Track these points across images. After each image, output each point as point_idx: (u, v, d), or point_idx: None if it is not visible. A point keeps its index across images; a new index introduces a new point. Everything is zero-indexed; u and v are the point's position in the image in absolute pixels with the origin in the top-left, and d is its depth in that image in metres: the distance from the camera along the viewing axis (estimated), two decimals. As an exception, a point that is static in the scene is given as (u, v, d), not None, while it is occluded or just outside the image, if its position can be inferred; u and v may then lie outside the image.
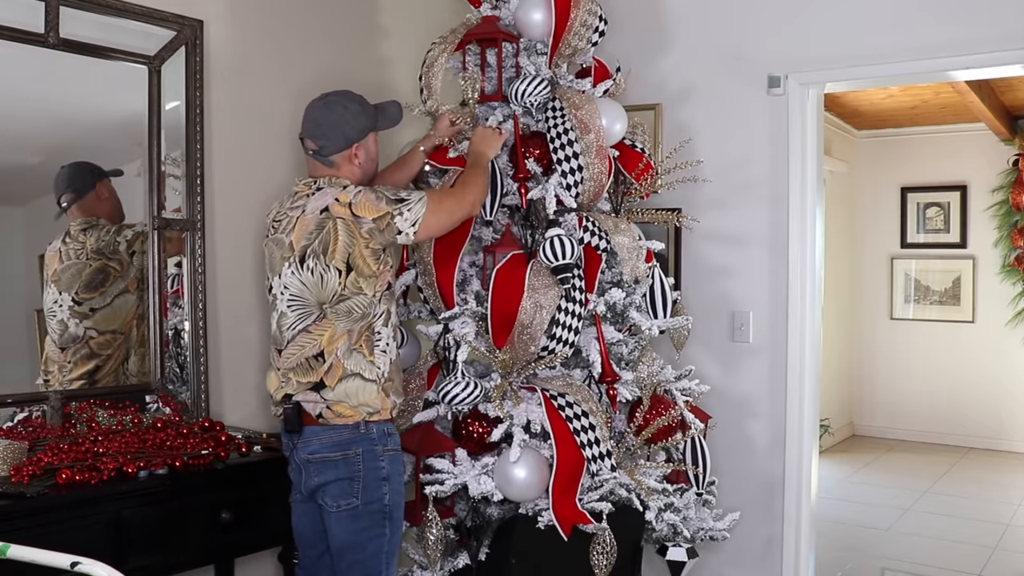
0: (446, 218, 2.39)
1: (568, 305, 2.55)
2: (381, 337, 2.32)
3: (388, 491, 2.28)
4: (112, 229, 2.55)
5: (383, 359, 2.32)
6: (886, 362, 7.41)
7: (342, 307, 2.25)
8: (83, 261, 2.47)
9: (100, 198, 2.52)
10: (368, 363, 2.28)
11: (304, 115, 2.38)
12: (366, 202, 2.25)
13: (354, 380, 2.26)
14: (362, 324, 2.28)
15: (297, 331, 2.27)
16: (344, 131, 2.34)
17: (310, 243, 2.25)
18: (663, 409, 2.72)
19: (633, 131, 2.92)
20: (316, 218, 2.26)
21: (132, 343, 2.59)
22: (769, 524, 3.28)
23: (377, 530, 2.26)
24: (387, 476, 2.28)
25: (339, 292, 2.24)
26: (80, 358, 2.48)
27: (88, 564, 1.51)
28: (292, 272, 2.27)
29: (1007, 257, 6.88)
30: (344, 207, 2.24)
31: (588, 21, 2.75)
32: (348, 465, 2.24)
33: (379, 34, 3.35)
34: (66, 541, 1.88)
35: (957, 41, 2.92)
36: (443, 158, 2.76)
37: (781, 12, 3.24)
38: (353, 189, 2.29)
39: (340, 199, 2.26)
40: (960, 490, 5.80)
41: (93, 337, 2.49)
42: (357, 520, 2.25)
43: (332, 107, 2.35)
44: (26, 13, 2.34)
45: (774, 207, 3.26)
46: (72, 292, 2.46)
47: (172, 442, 2.35)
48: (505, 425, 2.53)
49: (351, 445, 2.24)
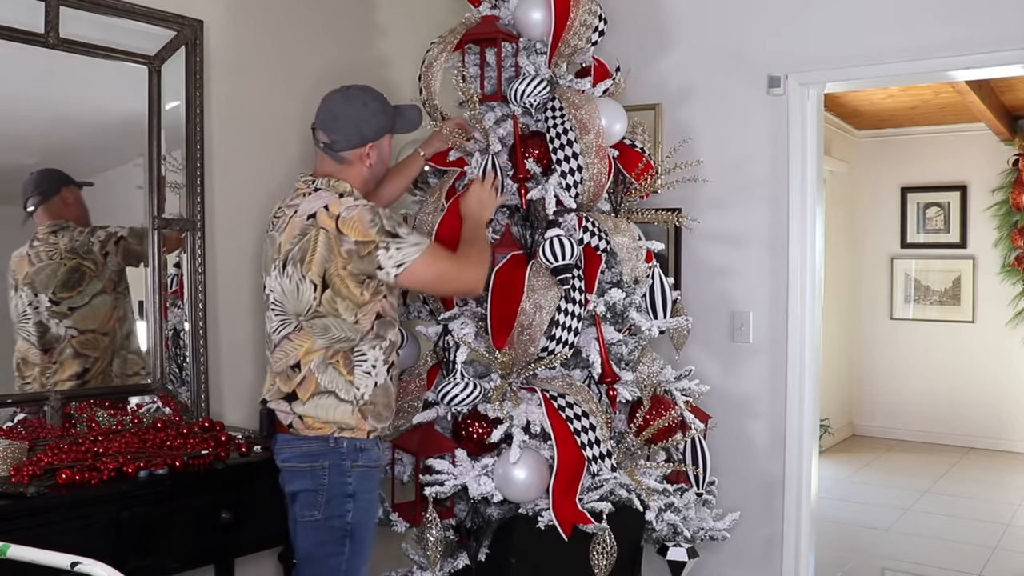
0: (434, 280, 2.23)
1: (568, 306, 2.55)
2: (366, 358, 2.20)
3: (352, 508, 2.18)
4: (85, 230, 2.52)
5: (365, 382, 2.20)
6: (886, 362, 7.41)
7: (318, 323, 2.15)
8: (57, 261, 2.44)
9: (66, 203, 2.47)
10: (345, 382, 2.17)
11: (320, 105, 2.29)
12: (357, 221, 2.11)
13: (327, 398, 2.17)
14: (343, 347, 2.17)
15: (281, 336, 2.21)
16: (360, 128, 2.24)
17: (292, 248, 2.16)
18: (663, 409, 2.72)
19: (633, 131, 2.91)
20: (302, 223, 2.15)
21: (117, 345, 2.57)
22: (769, 524, 3.28)
23: (335, 547, 2.18)
24: (353, 493, 2.18)
25: (314, 307, 2.14)
26: (66, 359, 2.46)
27: (88, 564, 1.51)
28: (276, 275, 2.21)
29: (1007, 257, 6.89)
30: (331, 219, 2.12)
31: (588, 21, 2.75)
32: (314, 477, 2.17)
33: (379, 33, 3.35)
34: (66, 541, 1.87)
35: (957, 41, 2.92)
36: (443, 160, 2.76)
37: (781, 12, 3.24)
38: (349, 201, 2.16)
39: (330, 208, 2.13)
40: (960, 490, 5.80)
41: (75, 336, 2.46)
42: (317, 533, 2.18)
43: (351, 101, 2.25)
44: (26, 13, 2.34)
45: (774, 207, 3.26)
46: (49, 292, 2.43)
47: (172, 442, 2.34)
48: (505, 426, 2.53)
49: (318, 457, 2.17)
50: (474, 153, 2.72)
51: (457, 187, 2.73)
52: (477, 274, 2.31)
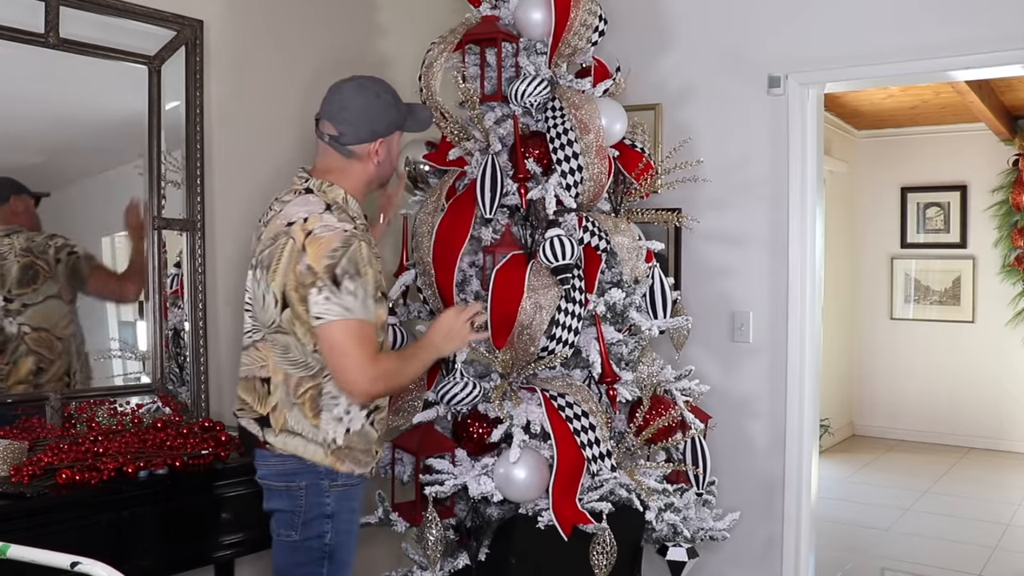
0: (332, 352, 1.92)
1: (568, 305, 2.55)
2: (337, 403, 2.01)
3: (331, 529, 2.05)
4: (42, 234, 2.46)
5: (335, 427, 2.02)
6: (886, 362, 7.41)
7: (279, 340, 2.00)
8: (11, 259, 2.40)
9: (15, 212, 2.42)
10: (311, 426, 2.01)
11: (328, 94, 2.12)
12: (322, 245, 1.90)
13: (296, 439, 2.02)
14: (304, 375, 2.00)
15: (250, 341, 2.10)
16: (371, 121, 2.07)
17: (264, 251, 2.01)
18: (663, 409, 2.72)
19: (633, 131, 2.91)
20: (278, 227, 1.99)
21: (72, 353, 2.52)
22: (769, 524, 3.28)
23: (313, 568, 2.07)
24: (331, 513, 2.05)
25: (277, 321, 1.98)
26: (19, 356, 2.41)
27: (88, 564, 1.51)
28: (250, 275, 2.08)
29: (1007, 257, 6.88)
30: (303, 232, 1.93)
31: (588, 21, 2.75)
32: (291, 498, 2.04)
33: (379, 33, 3.35)
34: (66, 541, 1.88)
35: (957, 41, 2.92)
36: (443, 159, 2.76)
37: (781, 12, 3.24)
38: (330, 219, 1.95)
39: (308, 221, 1.95)
40: (960, 490, 5.80)
41: (28, 333, 2.41)
42: (295, 553, 2.07)
43: (364, 91, 2.09)
44: (26, 13, 2.34)
45: (774, 207, 3.26)
46: (3, 291, 2.39)
47: (172, 442, 2.35)
48: (505, 425, 2.53)
49: (295, 477, 2.03)
50: (474, 153, 2.72)
51: (457, 187, 2.74)
52: (372, 386, 1.96)
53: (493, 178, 2.61)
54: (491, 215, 2.62)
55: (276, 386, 2.03)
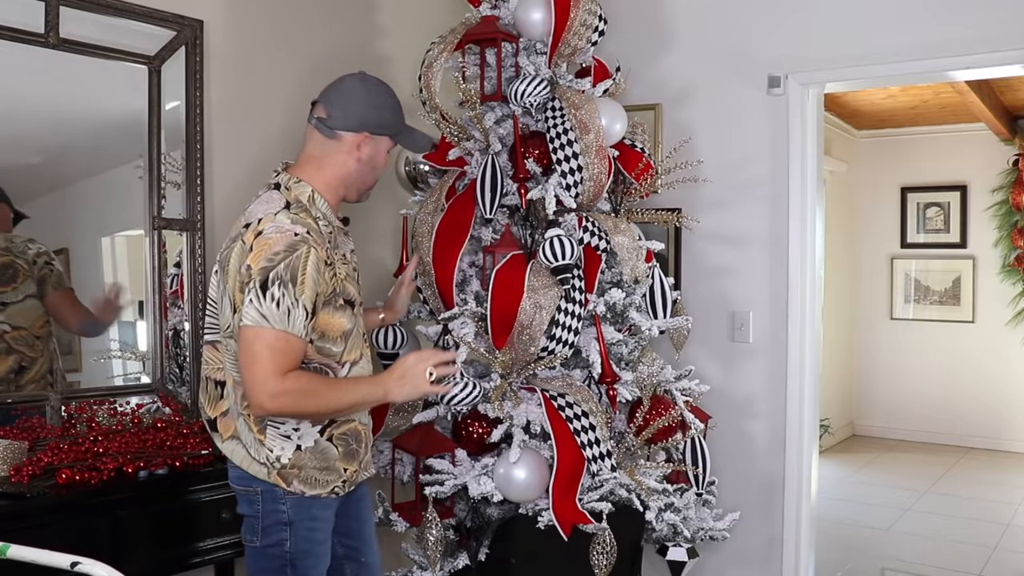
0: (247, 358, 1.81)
1: (568, 305, 2.55)
2: (286, 419, 1.92)
3: (290, 537, 1.97)
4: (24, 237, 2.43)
5: (280, 444, 1.92)
6: (886, 362, 7.41)
7: (232, 346, 1.91)
8: None
9: None
10: (255, 440, 1.93)
11: (331, 83, 2.09)
12: (265, 245, 1.81)
13: (241, 450, 1.97)
14: None
15: (207, 341, 2.04)
16: (363, 111, 2.02)
17: (224, 249, 1.95)
18: (663, 409, 2.72)
19: (633, 131, 2.92)
20: (237, 227, 1.93)
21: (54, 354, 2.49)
22: (769, 524, 3.28)
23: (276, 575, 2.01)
24: (289, 521, 1.96)
25: (232, 326, 1.89)
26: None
27: (88, 564, 1.51)
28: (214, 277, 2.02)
29: (1007, 257, 6.89)
30: (253, 233, 1.85)
31: (588, 21, 2.75)
32: (250, 503, 1.99)
33: (379, 33, 3.35)
34: (66, 541, 1.88)
35: (957, 41, 2.92)
36: (443, 159, 2.76)
37: (781, 12, 3.24)
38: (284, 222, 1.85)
39: (262, 222, 1.86)
40: (960, 490, 5.80)
41: (7, 332, 2.40)
42: (258, 560, 2.02)
43: (365, 84, 2.06)
44: (26, 13, 2.34)
45: (774, 207, 3.26)
46: None
47: (172, 442, 2.35)
48: (505, 426, 2.53)
49: (252, 482, 1.97)
50: (474, 153, 2.72)
51: (457, 187, 2.74)
52: (271, 402, 1.81)
53: (493, 178, 2.61)
54: (491, 215, 2.62)
55: (228, 392, 1.99)
